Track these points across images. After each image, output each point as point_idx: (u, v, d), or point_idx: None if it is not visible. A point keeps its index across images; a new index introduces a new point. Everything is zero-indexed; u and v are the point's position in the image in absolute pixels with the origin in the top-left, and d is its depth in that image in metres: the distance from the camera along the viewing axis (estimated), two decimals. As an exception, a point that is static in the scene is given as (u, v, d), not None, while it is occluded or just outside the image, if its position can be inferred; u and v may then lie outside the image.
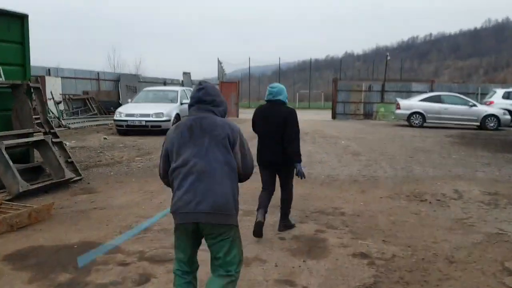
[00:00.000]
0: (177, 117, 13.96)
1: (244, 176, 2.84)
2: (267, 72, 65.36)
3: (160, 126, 13.38)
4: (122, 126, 13.42)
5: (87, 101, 17.32)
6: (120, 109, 13.68)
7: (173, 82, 25.33)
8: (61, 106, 16.10)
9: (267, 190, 4.89)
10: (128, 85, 19.44)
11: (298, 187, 6.11)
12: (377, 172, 8.42)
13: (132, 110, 13.59)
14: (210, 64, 49.57)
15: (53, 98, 15.33)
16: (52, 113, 15.27)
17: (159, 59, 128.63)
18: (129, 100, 14.80)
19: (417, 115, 18.54)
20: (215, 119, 2.76)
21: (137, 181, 7.47)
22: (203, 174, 2.60)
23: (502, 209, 5.96)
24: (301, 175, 4.75)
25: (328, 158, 9.93)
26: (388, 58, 29.40)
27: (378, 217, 5.53)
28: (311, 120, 23.41)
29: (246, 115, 28.56)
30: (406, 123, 19.00)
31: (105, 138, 12.69)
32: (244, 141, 2.81)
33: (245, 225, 4.89)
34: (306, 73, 57.89)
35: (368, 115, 24.93)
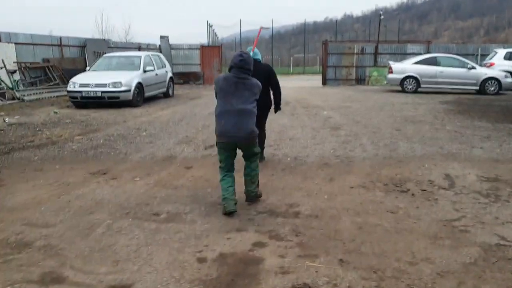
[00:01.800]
0: (139, 86, 12.46)
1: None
2: (264, 35, 63.09)
3: (118, 98, 11.90)
4: (76, 98, 11.92)
5: (47, 69, 15.73)
6: (74, 79, 12.15)
7: (148, 47, 23.54)
8: (17, 76, 14.55)
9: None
10: (96, 51, 17.78)
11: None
12: (355, 151, 7.05)
13: (87, 79, 12.06)
14: (204, 27, 47.58)
15: (4, 67, 13.77)
16: (4, 83, 13.74)
17: (150, 23, 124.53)
18: (87, 68, 13.26)
19: (411, 80, 17.04)
20: (252, 81, 4.39)
21: (60, 168, 6.12)
22: (243, 112, 4.27)
23: (503, 203, 4.64)
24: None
25: (301, 134, 8.55)
26: (382, 17, 27.47)
27: (341, 219, 4.21)
28: (299, 87, 21.95)
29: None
30: (399, 88, 17.52)
31: (55, 112, 11.25)
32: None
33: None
34: (306, 36, 55.75)
35: (360, 80, 23.40)
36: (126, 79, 11.97)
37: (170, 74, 15.06)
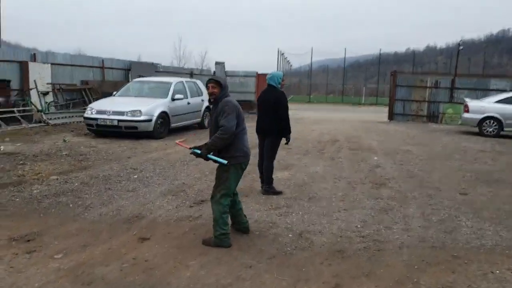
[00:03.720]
0: (163, 116, 11.03)
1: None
2: (340, 63, 61.01)
3: (136, 128, 10.52)
4: (92, 125, 10.73)
5: (84, 92, 14.97)
6: (92, 104, 11.04)
7: (202, 73, 22.51)
8: (49, 98, 13.84)
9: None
10: (141, 75, 16.87)
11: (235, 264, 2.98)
12: (393, 228, 4.92)
13: (106, 105, 10.84)
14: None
15: (36, 88, 13.08)
16: (34, 105, 13.02)
17: (227, 49, 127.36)
18: (114, 93, 12.15)
19: (491, 121, 14.26)
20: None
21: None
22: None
23: None
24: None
25: (329, 191, 6.52)
26: (461, 48, 24.49)
27: None
28: (360, 121, 19.69)
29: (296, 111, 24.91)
30: (476, 130, 14.76)
31: (64, 140, 10.09)
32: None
33: None
34: (385, 66, 53.03)
35: (432, 117, 20.60)
36: (147, 108, 10.61)
37: (207, 103, 13.61)
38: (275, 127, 6.12)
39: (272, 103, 6.05)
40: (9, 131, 11.28)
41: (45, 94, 13.63)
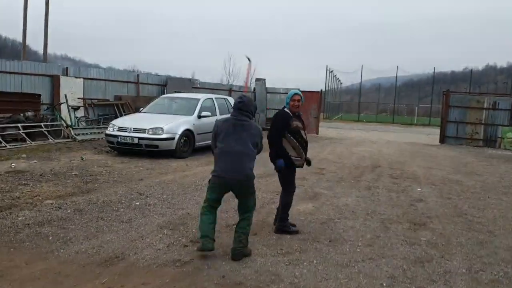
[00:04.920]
0: (187, 134, 10.34)
1: (258, 154, 4.53)
2: (393, 82, 59.01)
3: (157, 147, 9.88)
4: (112, 143, 10.21)
5: (116, 107, 14.65)
6: (115, 121, 10.54)
7: (241, 90, 21.87)
8: (80, 113, 13.59)
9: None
10: (177, 91, 16.40)
11: None
12: (428, 291, 3.83)
13: (128, 122, 10.30)
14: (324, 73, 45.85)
15: (66, 102, 12.83)
16: (63, 120, 12.76)
17: (276, 67, 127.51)
18: (141, 109, 11.64)
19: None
20: (251, 124, 4.42)
21: None
22: (240, 154, 4.26)
23: None
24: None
25: (355, 231, 5.48)
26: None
27: None
28: (408, 143, 18.31)
29: (332, 131, 23.73)
30: (540, 158, 13.07)
31: (82, 158, 9.59)
32: (262, 138, 4.55)
33: None
34: (440, 85, 50.55)
35: (489, 142, 18.87)
36: (169, 125, 9.96)
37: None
38: (283, 153, 5.14)
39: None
40: (31, 147, 10.98)
41: (76, 109, 13.39)
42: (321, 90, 21.25)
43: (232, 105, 12.40)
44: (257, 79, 22.02)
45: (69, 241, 4.69)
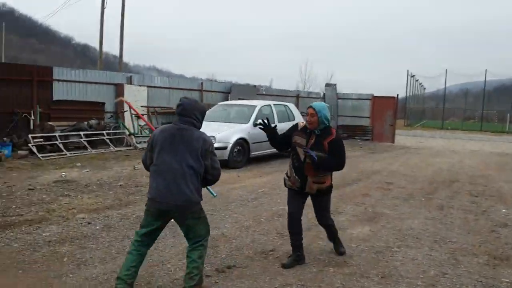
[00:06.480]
0: (241, 143, 9.76)
1: (212, 178, 3.57)
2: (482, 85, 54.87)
3: (209, 156, 9.41)
4: (165, 152, 9.91)
5: (179, 115, 14.49)
6: (169, 129, 10.24)
7: (309, 96, 20.95)
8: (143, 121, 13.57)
9: None
10: (241, 98, 15.97)
11: None
12: None
13: (181, 131, 9.95)
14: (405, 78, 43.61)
15: (129, 111, 12.86)
16: (126, 128, 12.80)
17: (353, 72, 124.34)
18: (198, 117, 11.27)
19: None
20: (193, 133, 3.43)
21: None
22: (175, 172, 3.33)
23: None
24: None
25: (417, 266, 4.52)
26: None
27: None
28: (496, 153, 16.38)
29: (411, 139, 21.97)
30: None
31: (134, 168, 9.37)
32: (214, 152, 3.54)
33: None
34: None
35: None
36: (222, 134, 9.46)
37: (299, 129, 12.03)
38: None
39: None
40: (90, 155, 11.03)
41: (139, 117, 13.39)
42: (397, 95, 19.78)
43: (293, 112, 11.72)
44: (327, 84, 21.07)
45: (83, 264, 4.25)
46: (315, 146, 4.08)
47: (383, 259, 4.62)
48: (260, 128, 4.47)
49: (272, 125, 4.46)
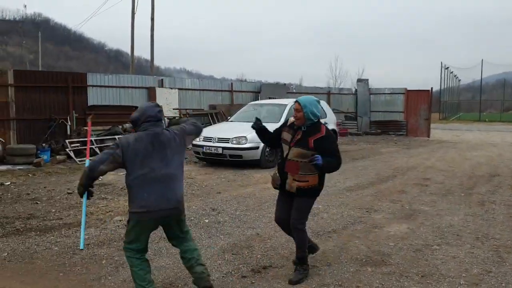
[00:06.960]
0: (272, 143, 9.74)
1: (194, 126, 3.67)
2: (504, 77, 53.07)
3: (240, 157, 9.41)
4: (198, 153, 9.98)
5: (211, 116, 14.57)
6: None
7: (341, 93, 20.68)
8: (176, 123, 13.76)
9: None
10: (271, 97, 15.93)
11: None
12: None
13: (213, 132, 9.98)
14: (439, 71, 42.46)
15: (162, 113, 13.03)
16: (158, 131, 12.97)
17: (385, 67, 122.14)
18: (228, 117, 11.29)
19: None
20: (166, 134, 3.34)
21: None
22: (169, 178, 3.30)
23: None
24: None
25: (459, 264, 4.37)
26: None
27: None
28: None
29: (447, 133, 21.44)
30: None
31: (167, 170, 9.48)
32: (185, 125, 3.57)
33: None
34: None
35: None
36: (253, 134, 9.32)
37: (331, 126, 11.87)
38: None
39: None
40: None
41: (171, 119, 13.57)
42: (431, 88, 19.29)
43: (325, 109, 11.57)
44: (359, 80, 20.77)
45: (121, 266, 4.32)
46: (300, 142, 3.84)
47: (422, 258, 4.49)
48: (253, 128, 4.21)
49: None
